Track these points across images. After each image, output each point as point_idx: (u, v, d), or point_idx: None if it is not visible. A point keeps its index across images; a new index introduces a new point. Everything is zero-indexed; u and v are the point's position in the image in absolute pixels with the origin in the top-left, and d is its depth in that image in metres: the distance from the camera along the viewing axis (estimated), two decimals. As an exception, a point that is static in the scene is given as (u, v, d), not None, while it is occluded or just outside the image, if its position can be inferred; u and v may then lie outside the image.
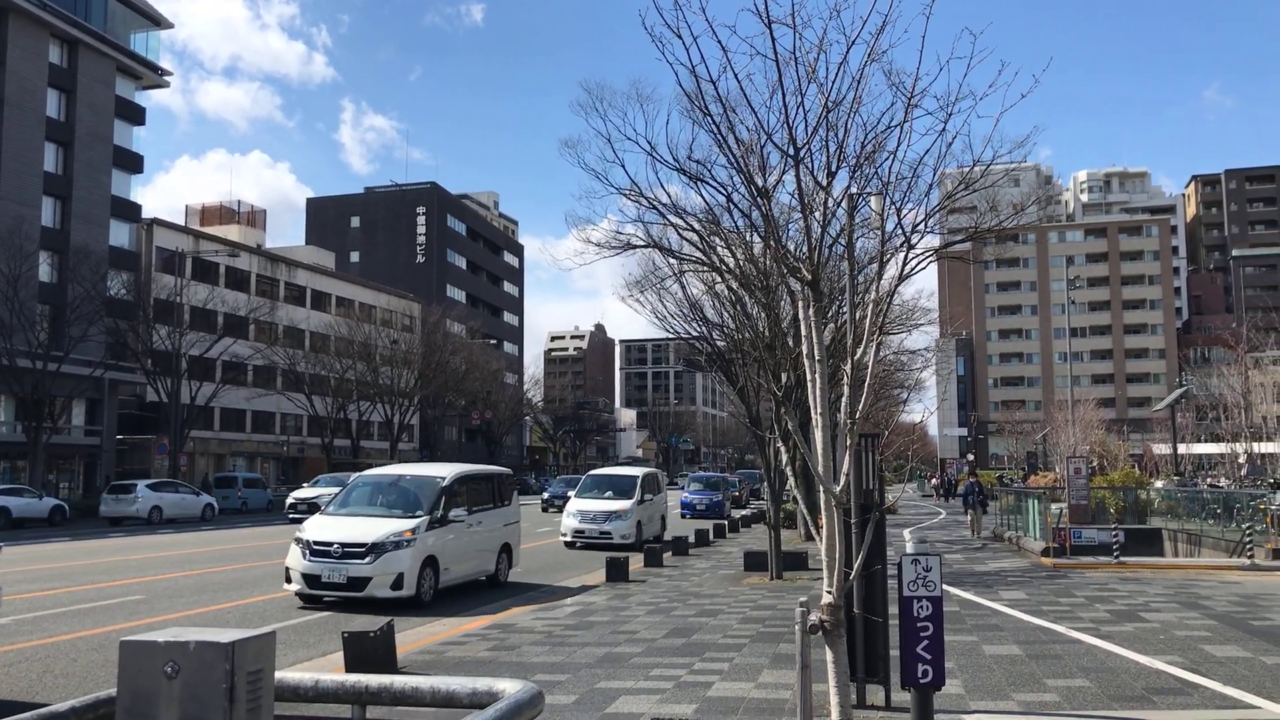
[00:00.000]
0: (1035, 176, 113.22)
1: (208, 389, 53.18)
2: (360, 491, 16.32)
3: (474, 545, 16.38)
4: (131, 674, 3.85)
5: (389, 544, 14.15)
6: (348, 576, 13.94)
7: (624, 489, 26.42)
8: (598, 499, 26.15)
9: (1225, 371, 53.56)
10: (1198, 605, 13.86)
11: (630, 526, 25.14)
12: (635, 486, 26.34)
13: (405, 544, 14.26)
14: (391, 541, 14.19)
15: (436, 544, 14.95)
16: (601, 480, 27.87)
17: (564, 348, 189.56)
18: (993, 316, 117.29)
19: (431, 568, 14.78)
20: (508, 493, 18.36)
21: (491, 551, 17.14)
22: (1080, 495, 26.11)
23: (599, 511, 25.28)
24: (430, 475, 16.17)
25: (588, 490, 27.19)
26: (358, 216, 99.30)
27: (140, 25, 59.57)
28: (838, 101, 6.61)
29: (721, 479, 45.21)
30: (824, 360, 6.53)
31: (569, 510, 25.95)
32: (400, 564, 14.12)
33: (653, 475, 28.61)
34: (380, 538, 14.18)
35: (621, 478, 27.57)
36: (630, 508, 25.48)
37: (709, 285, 22.35)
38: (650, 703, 8.14)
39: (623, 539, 24.54)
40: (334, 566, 14.03)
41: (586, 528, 25.08)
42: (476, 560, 16.57)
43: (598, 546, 24.32)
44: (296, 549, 14.48)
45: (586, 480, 28.43)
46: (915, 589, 6.35)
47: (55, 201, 52.01)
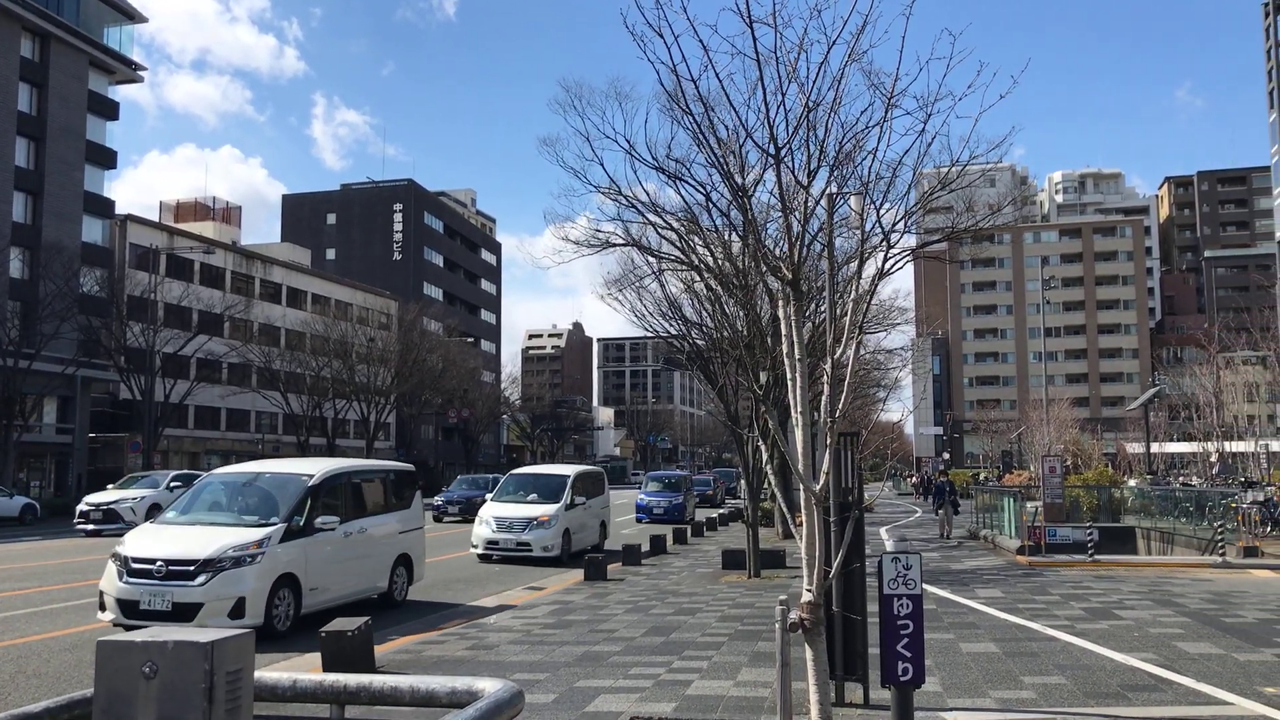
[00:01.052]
0: (1011, 177, 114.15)
1: (182, 387, 52.73)
2: (207, 494, 13.28)
3: (355, 558, 13.50)
4: (108, 674, 3.81)
5: (227, 560, 11.27)
6: (172, 603, 11.07)
7: (551, 491, 22.65)
8: (518, 503, 22.35)
9: (1197, 371, 54.15)
10: (1171, 603, 14.00)
11: (555, 536, 21.34)
12: (564, 488, 22.64)
13: (249, 560, 11.38)
14: (231, 557, 11.30)
15: (297, 558, 12.05)
16: (524, 481, 24.02)
17: (542, 346, 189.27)
18: (968, 316, 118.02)
19: (290, 588, 11.93)
20: (407, 494, 15.41)
21: (382, 565, 14.20)
22: (1055, 494, 26.32)
23: (518, 518, 21.44)
24: (295, 473, 13.20)
25: (507, 493, 23.34)
26: (334, 213, 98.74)
27: (114, 19, 58.99)
28: (818, 101, 6.62)
29: (683, 478, 40.60)
30: (804, 359, 6.54)
31: (482, 516, 21.98)
32: (241, 585, 11.25)
33: (590, 475, 25.14)
34: (216, 552, 11.30)
35: (548, 478, 23.77)
36: (556, 514, 21.67)
37: (688, 284, 22.41)
38: (630, 701, 8.14)
39: (545, 551, 21.03)
40: (156, 590, 11.15)
41: (502, 538, 21.25)
42: (361, 576, 13.67)
43: (516, 560, 21.04)
44: (113, 566, 11.59)
45: (506, 481, 24.47)
46: (895, 587, 6.38)
47: (26, 197, 51.44)
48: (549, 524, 21.33)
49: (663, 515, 35.04)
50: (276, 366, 62.73)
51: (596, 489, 24.86)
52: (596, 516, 24.40)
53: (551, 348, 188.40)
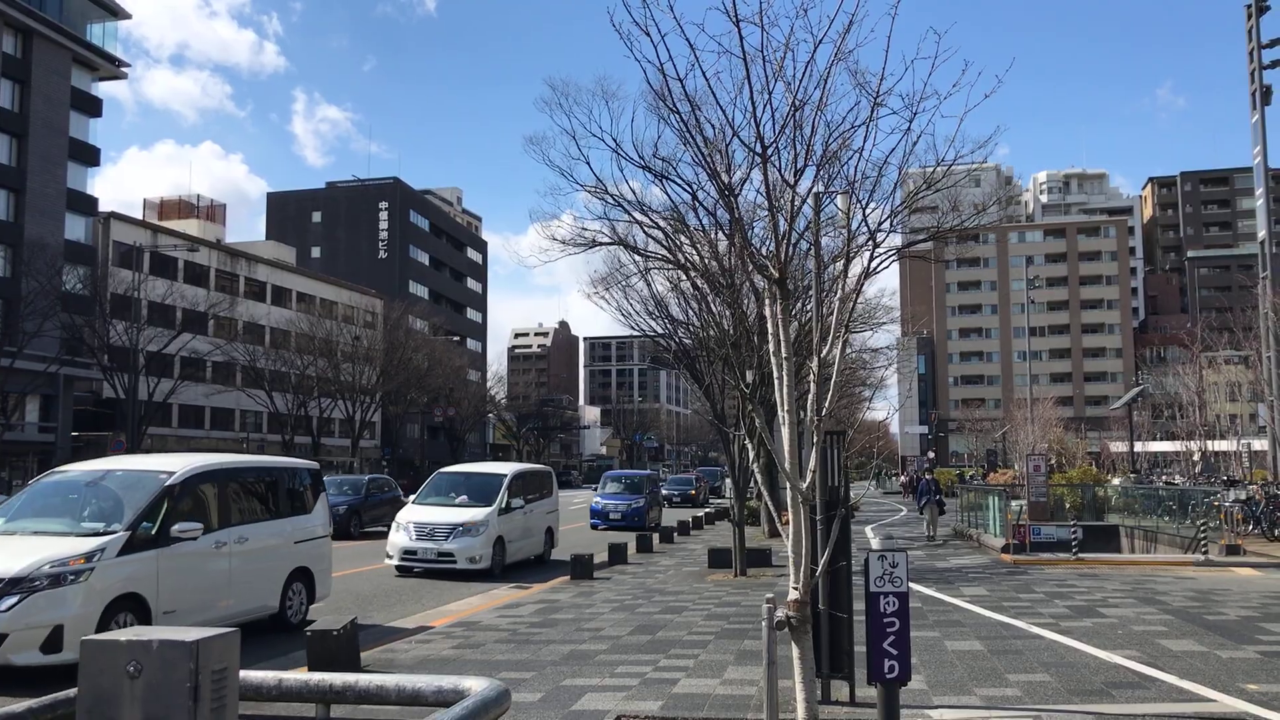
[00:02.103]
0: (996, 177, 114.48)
1: (166, 385, 52.50)
2: (40, 496, 11.03)
3: (231, 575, 11.20)
4: (93, 674, 3.81)
5: (41, 580, 9.05)
6: None
7: (482, 492, 19.52)
8: (443, 506, 19.25)
9: (1180, 371, 54.48)
10: (1154, 601, 14.08)
11: (484, 545, 18.23)
12: (499, 489, 19.45)
13: (70, 579, 9.19)
14: (46, 575, 9.09)
15: (143, 576, 9.88)
16: (455, 480, 20.62)
17: (528, 345, 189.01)
18: (953, 315, 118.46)
19: (136, 613, 9.75)
20: (304, 496, 13.08)
21: (272, 582, 11.99)
22: (1039, 492, 26.45)
23: (440, 524, 18.34)
24: (150, 470, 10.99)
25: (432, 494, 20.15)
26: (319, 211, 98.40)
27: (97, 15, 58.69)
28: (805, 100, 6.64)
29: (645, 478, 35.86)
30: (790, 358, 6.56)
31: (399, 521, 18.94)
32: (57, 611, 9.03)
33: (533, 474, 22.14)
34: (26, 569, 9.05)
35: (481, 477, 20.59)
36: (486, 519, 18.52)
37: (674, 283, 22.42)
38: (616, 700, 8.14)
39: (471, 563, 18.04)
40: None
41: (421, 547, 18.22)
42: (240, 596, 11.37)
43: (439, 574, 18.15)
44: None
45: (432, 481, 20.98)
46: (882, 585, 6.40)
47: (8, 194, 51.15)
48: (477, 531, 18.27)
49: (620, 521, 31.27)
50: (261, 365, 62.57)
51: (541, 490, 21.87)
52: (541, 522, 21.31)
53: (538, 346, 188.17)
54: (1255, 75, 27.17)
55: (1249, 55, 27.44)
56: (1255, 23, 27.09)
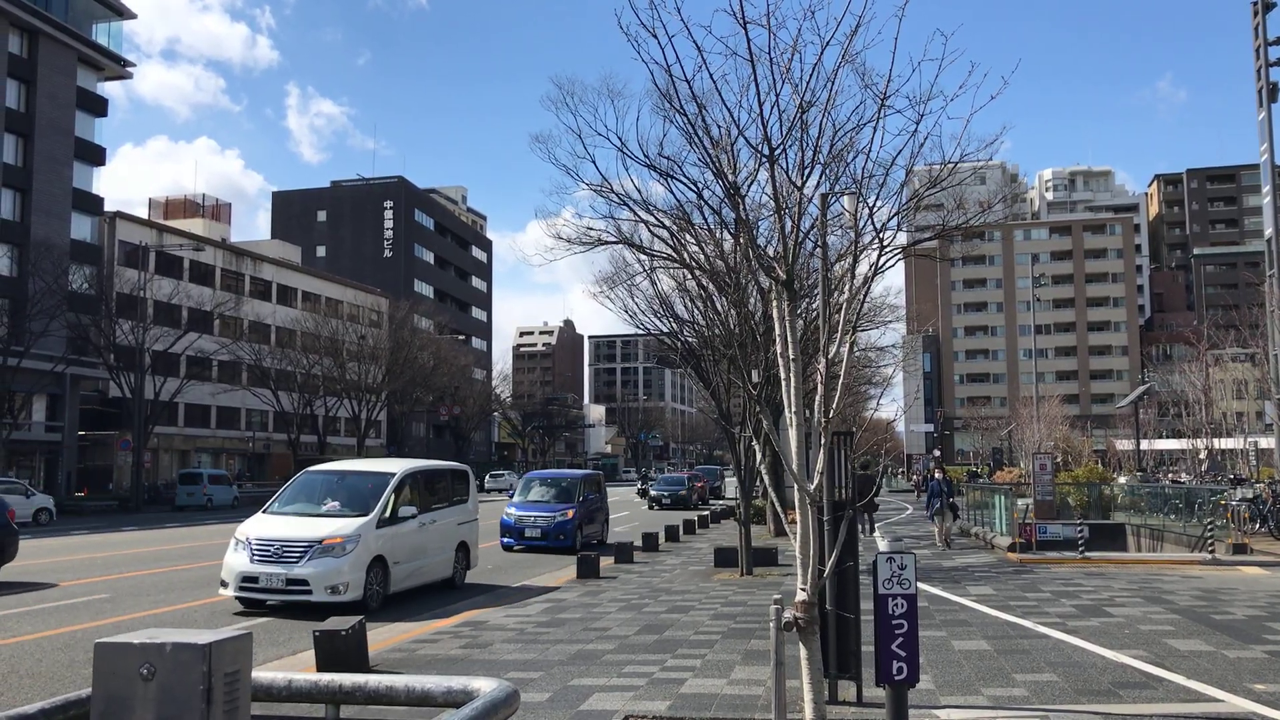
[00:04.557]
0: (1001, 175, 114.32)
1: (172, 384, 52.60)
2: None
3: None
4: (106, 676, 3.81)
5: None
6: None
7: (360, 497, 14.74)
8: (305, 516, 14.37)
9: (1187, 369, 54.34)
10: (1161, 600, 14.07)
11: (352, 569, 13.48)
12: (382, 493, 14.64)
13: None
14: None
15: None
16: (326, 482, 15.43)
17: (533, 344, 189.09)
18: (959, 313, 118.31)
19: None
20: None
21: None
22: (1046, 491, 26.42)
23: (294, 541, 13.55)
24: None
25: (295, 500, 15.04)
26: (324, 210, 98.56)
27: (102, 15, 58.79)
28: (812, 102, 6.64)
29: (580, 480, 26.10)
30: (798, 359, 6.56)
31: (240, 536, 13.90)
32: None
33: (438, 474, 17.15)
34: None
35: (360, 476, 15.62)
36: (357, 533, 13.75)
37: (679, 282, 22.44)
38: (624, 700, 8.15)
39: (332, 594, 13.19)
40: None
41: (265, 571, 13.33)
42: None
43: (293, 608, 13.42)
44: None
45: (297, 482, 15.67)
46: (890, 587, 6.40)
47: (15, 194, 51.25)
48: (342, 549, 13.48)
49: (539, 539, 23.47)
50: (267, 364, 62.68)
51: (452, 494, 17.10)
52: (449, 537, 16.51)
53: (542, 345, 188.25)
54: (1261, 73, 27.11)
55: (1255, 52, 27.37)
56: (1261, 20, 27.02)
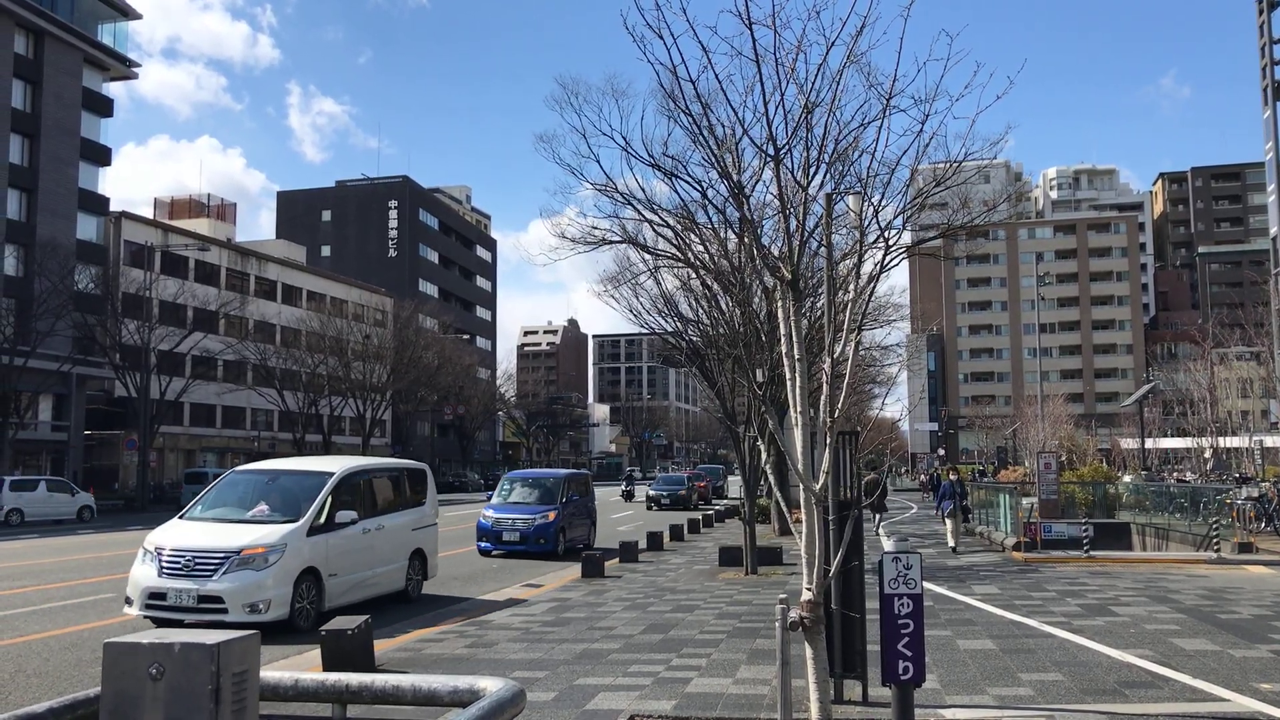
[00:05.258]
0: (1005, 173, 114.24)
1: (177, 384, 52.70)
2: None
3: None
4: (115, 675, 3.84)
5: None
6: None
7: (291, 501, 12.89)
8: (227, 523, 12.50)
9: (1191, 367, 54.29)
10: (1167, 599, 14.06)
11: (277, 584, 11.72)
12: (317, 496, 12.82)
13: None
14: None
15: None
16: (255, 484, 13.54)
17: (537, 343, 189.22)
18: (963, 312, 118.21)
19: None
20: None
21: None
22: (1050, 490, 26.38)
23: (208, 552, 11.67)
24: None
25: (218, 504, 13.12)
26: (329, 210, 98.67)
27: (108, 16, 58.90)
28: (817, 102, 6.65)
29: (564, 481, 24.03)
30: (803, 359, 6.57)
31: (150, 545, 12.04)
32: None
33: (385, 473, 15.26)
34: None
35: (292, 477, 13.70)
36: (282, 542, 11.95)
37: (684, 281, 22.46)
38: (629, 699, 8.17)
39: (252, 613, 11.39)
40: None
41: (174, 587, 11.44)
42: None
43: (205, 626, 10.62)
44: None
45: (221, 484, 13.75)
46: (896, 587, 6.41)
47: (21, 194, 51.37)
48: (264, 561, 11.67)
49: (518, 544, 21.90)
50: (272, 364, 62.76)
51: (405, 497, 15.28)
52: (402, 544, 14.73)
53: (547, 344, 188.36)
54: (1266, 71, 27.08)
55: (1260, 51, 27.34)
56: (1266, 19, 26.99)
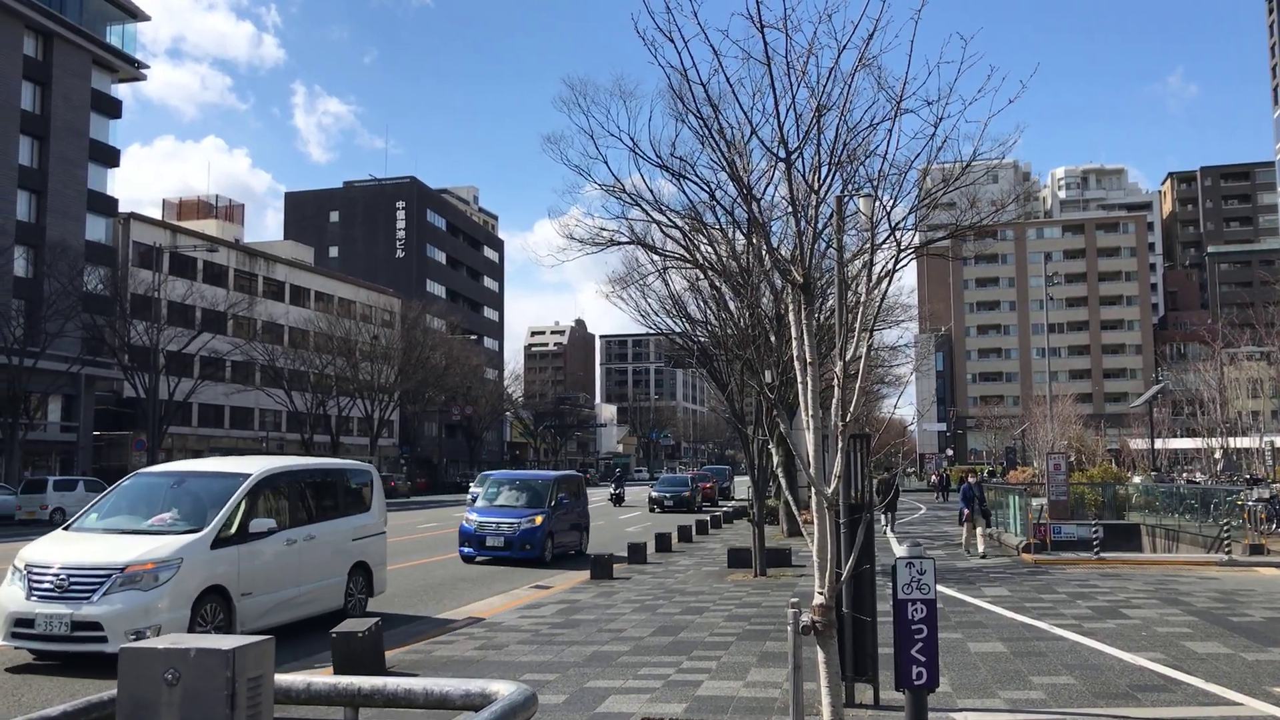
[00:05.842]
0: (1014, 173, 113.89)
1: (186, 385, 52.86)
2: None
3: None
4: (131, 680, 3.85)
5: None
6: None
7: (199, 508, 11.05)
8: (121, 533, 10.73)
9: (1201, 367, 54.07)
10: (1178, 601, 14.01)
11: (168, 607, 9.91)
12: (225, 501, 10.99)
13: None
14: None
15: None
16: (163, 488, 11.64)
17: (544, 343, 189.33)
18: (972, 312, 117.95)
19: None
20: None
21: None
22: (1060, 491, 26.34)
23: (90, 569, 9.90)
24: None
25: (115, 511, 11.31)
26: (337, 211, 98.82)
27: (116, 18, 59.06)
28: (828, 106, 6.64)
29: (553, 482, 22.83)
30: (815, 362, 6.56)
31: (20, 562, 10.36)
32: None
33: (316, 474, 13.40)
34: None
35: (202, 479, 11.78)
36: (179, 556, 10.15)
37: (692, 282, 22.45)
38: (640, 702, 8.16)
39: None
40: None
41: (43, 612, 9.69)
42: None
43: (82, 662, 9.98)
44: None
45: (123, 488, 11.78)
46: (909, 592, 6.39)
47: (30, 195, 51.53)
48: (153, 580, 9.89)
49: (503, 549, 20.69)
50: (280, 364, 62.93)
51: (345, 502, 13.47)
52: (339, 557, 12.90)
53: (554, 345, 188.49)
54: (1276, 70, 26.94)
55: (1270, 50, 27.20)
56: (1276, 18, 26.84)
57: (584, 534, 24.04)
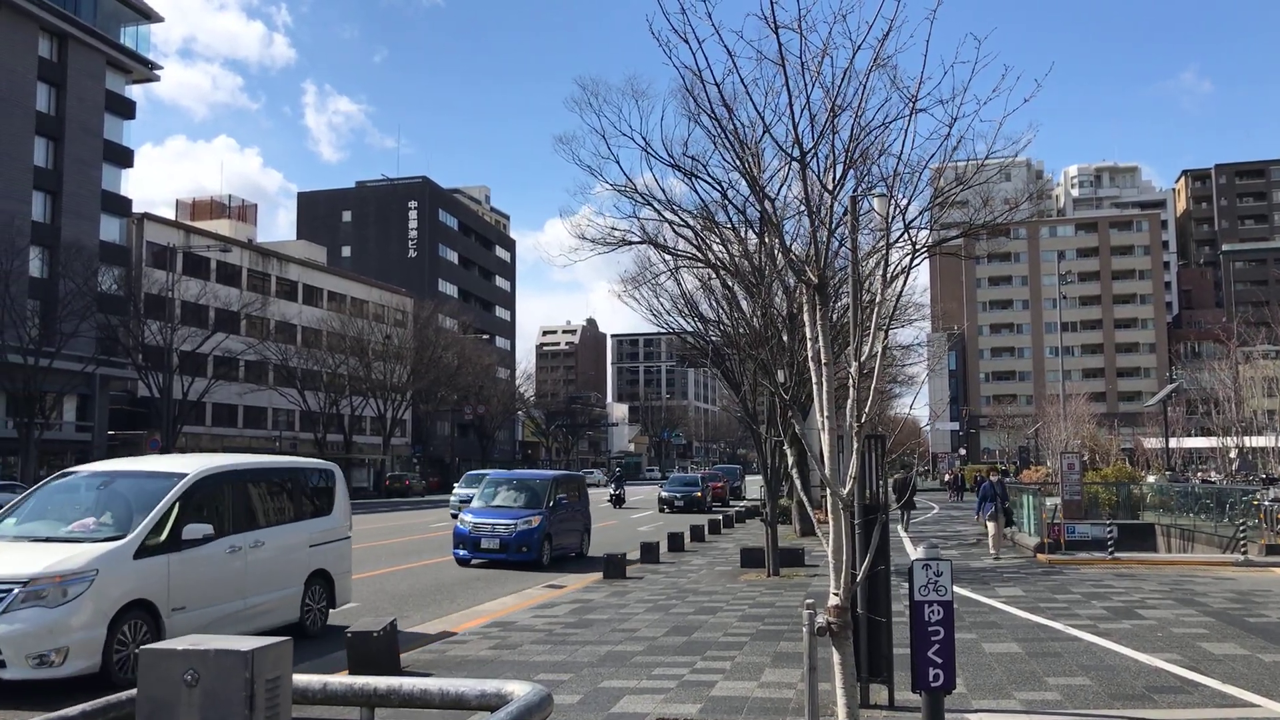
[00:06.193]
0: (1026, 171, 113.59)
1: (199, 384, 53.08)
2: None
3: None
4: (150, 681, 3.88)
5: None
6: None
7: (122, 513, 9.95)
8: (33, 541, 9.62)
9: (1216, 366, 53.78)
10: (1194, 602, 13.94)
11: (81, 626, 8.75)
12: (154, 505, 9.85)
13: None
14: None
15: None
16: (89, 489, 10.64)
17: (556, 343, 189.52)
18: (984, 311, 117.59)
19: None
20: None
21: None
22: (1074, 490, 26.23)
23: None
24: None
25: (38, 513, 10.29)
26: (349, 211, 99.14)
27: (130, 19, 59.33)
28: (844, 106, 6.63)
29: (552, 482, 22.10)
30: (830, 363, 6.55)
31: None
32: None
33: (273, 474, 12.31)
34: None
35: (138, 480, 10.57)
36: (93, 567, 8.98)
37: (704, 281, 22.43)
38: (655, 702, 8.17)
39: (39, 665, 8.50)
40: None
41: None
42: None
43: None
44: None
45: (45, 489, 10.73)
46: (926, 593, 6.38)
47: (45, 196, 51.80)
48: (60, 596, 8.74)
49: (497, 550, 19.96)
50: (293, 364, 63.17)
51: (302, 506, 12.22)
52: (294, 566, 11.71)
53: (565, 344, 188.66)
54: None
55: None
56: (1293, 14, 26.69)
57: (585, 536, 23.12)
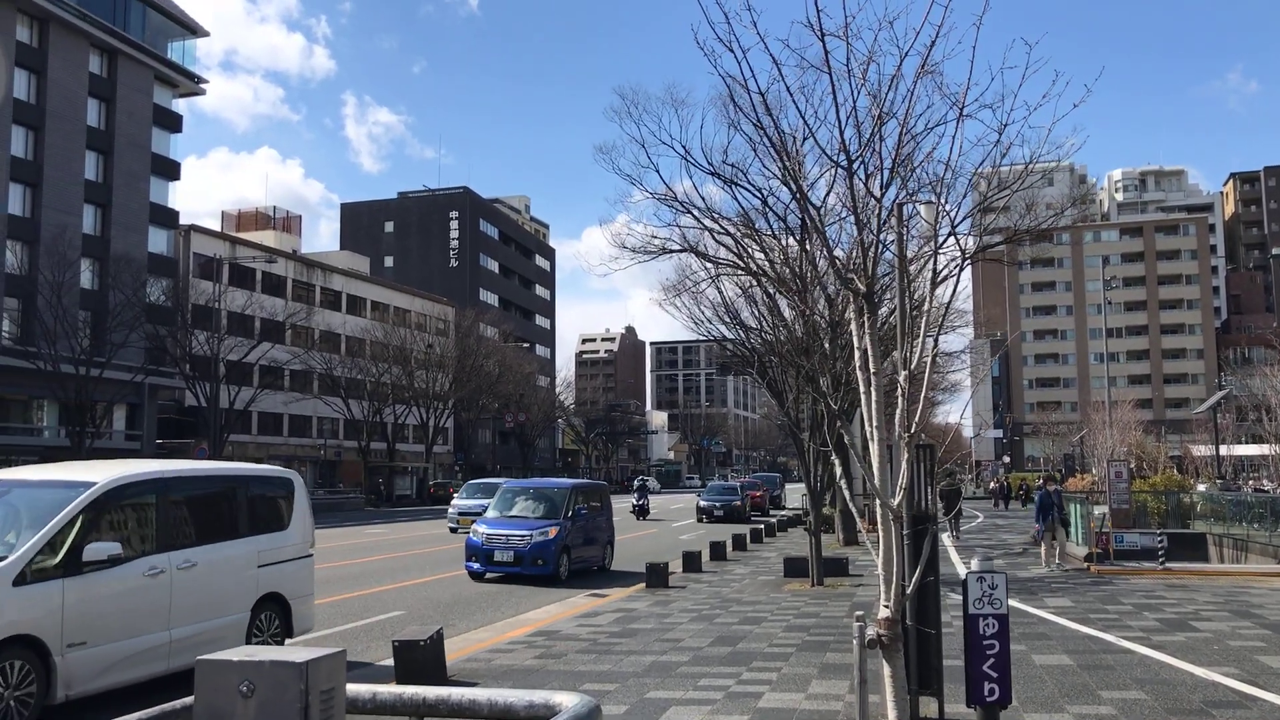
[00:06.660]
0: (1070, 176, 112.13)
1: (246, 393, 53.73)
2: None
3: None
4: (207, 691, 3.92)
5: None
6: None
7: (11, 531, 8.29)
8: None
9: (1267, 372, 52.72)
10: (1249, 614, 13.65)
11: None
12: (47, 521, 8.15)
13: None
14: None
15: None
16: None
17: (595, 350, 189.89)
18: (1028, 317, 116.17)
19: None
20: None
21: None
22: (1122, 499, 25.79)
23: None
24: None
25: None
26: (391, 221, 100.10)
27: (177, 34, 60.33)
28: (891, 113, 6.58)
29: (570, 492, 20.72)
30: (879, 373, 6.49)
31: None
32: None
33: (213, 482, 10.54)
34: None
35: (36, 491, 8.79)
36: None
37: (744, 288, 22.39)
38: (701, 713, 8.12)
39: None
40: None
41: None
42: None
43: None
44: None
45: None
46: (981, 607, 6.30)
47: (96, 209, 52.75)
48: None
49: (511, 563, 18.83)
50: (338, 373, 63.79)
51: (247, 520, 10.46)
52: (238, 589, 10.10)
53: (604, 352, 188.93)
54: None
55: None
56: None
57: (608, 549, 21.70)
